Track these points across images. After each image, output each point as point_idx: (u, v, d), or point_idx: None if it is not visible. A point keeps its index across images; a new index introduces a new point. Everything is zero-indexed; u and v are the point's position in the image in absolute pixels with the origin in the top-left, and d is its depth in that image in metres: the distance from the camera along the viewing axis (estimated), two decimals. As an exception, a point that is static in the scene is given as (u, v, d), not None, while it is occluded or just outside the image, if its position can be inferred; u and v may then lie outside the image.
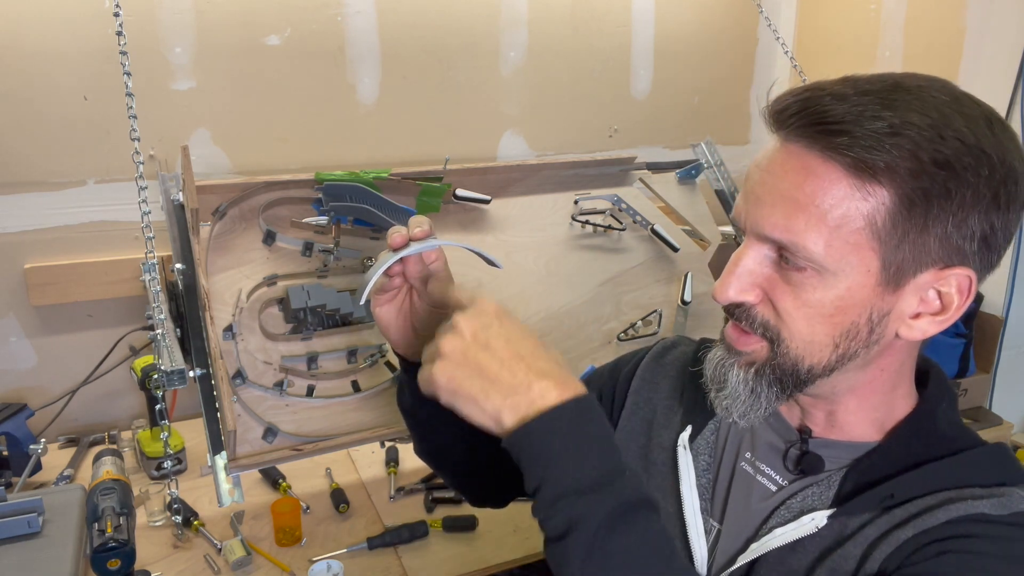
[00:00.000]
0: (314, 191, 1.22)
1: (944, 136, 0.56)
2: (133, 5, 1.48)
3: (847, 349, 0.62)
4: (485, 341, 0.59)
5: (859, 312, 0.60)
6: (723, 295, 0.63)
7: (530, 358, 0.59)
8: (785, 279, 0.61)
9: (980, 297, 1.68)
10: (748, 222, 0.62)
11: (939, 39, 1.76)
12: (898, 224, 0.57)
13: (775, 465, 0.71)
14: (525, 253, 1.36)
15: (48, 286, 1.55)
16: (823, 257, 0.58)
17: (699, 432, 0.76)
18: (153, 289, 1.03)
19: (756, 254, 0.62)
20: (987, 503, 0.58)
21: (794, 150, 0.59)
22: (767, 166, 0.61)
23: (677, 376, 0.83)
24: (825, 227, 0.57)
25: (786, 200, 0.59)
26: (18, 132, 1.49)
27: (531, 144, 1.96)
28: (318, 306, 1.15)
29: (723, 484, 0.73)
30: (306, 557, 1.21)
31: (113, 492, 1.06)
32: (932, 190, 0.56)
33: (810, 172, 0.58)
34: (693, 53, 2.07)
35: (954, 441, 0.66)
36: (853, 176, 0.56)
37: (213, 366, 1.03)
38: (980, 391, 1.70)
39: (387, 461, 1.48)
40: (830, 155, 0.57)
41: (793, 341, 0.62)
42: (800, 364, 0.63)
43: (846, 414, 0.67)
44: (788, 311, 0.61)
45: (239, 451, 1.07)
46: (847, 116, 0.56)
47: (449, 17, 1.78)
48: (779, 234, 0.59)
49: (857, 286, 0.59)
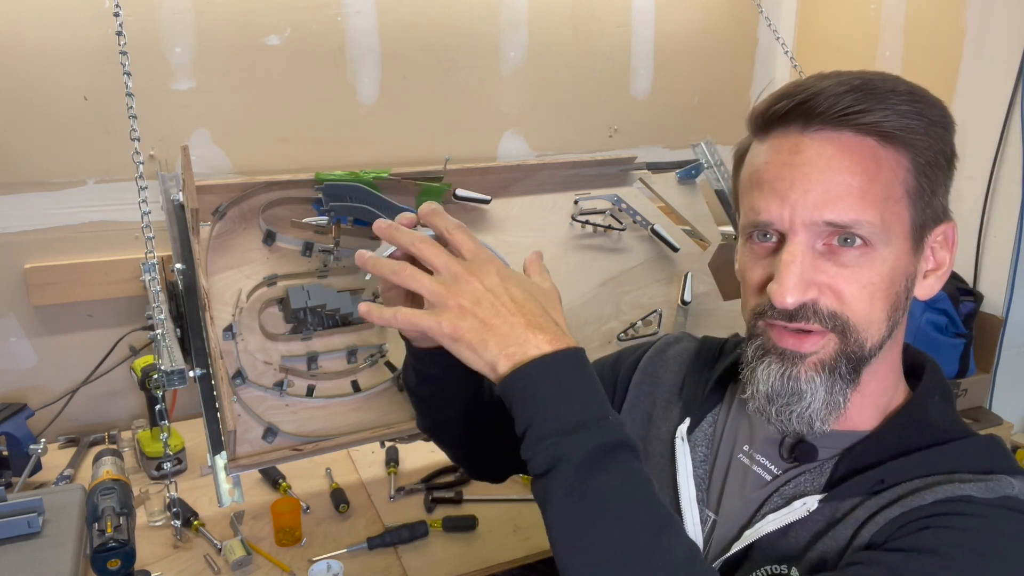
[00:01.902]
0: (314, 191, 1.22)
1: (930, 101, 0.63)
2: (133, 5, 1.48)
3: (895, 320, 0.64)
4: (492, 300, 0.60)
5: (901, 279, 0.63)
6: (791, 298, 0.61)
7: (530, 315, 0.60)
8: (840, 263, 0.61)
9: (980, 297, 1.68)
10: (795, 216, 0.61)
11: (939, 39, 1.75)
12: (923, 185, 0.62)
13: (771, 456, 0.71)
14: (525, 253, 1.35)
15: (48, 286, 1.55)
16: (880, 229, 0.60)
17: (697, 424, 0.77)
18: (153, 289, 1.03)
19: (807, 247, 0.61)
20: (974, 486, 0.59)
21: (823, 136, 0.61)
22: (797, 161, 0.61)
23: (678, 371, 0.84)
24: (878, 199, 0.60)
25: (838, 182, 0.60)
26: (18, 132, 1.49)
27: (531, 144, 1.96)
28: (318, 306, 1.15)
29: (720, 475, 0.74)
30: (306, 557, 1.21)
31: (113, 492, 1.06)
32: (937, 148, 0.62)
33: (851, 151, 0.60)
34: (693, 53, 2.07)
35: (946, 432, 0.66)
36: (885, 147, 0.61)
37: (213, 366, 1.03)
38: (980, 391, 1.70)
39: (387, 461, 1.48)
40: (861, 132, 0.60)
41: (860, 324, 0.62)
42: (865, 345, 0.63)
43: (861, 399, 0.67)
44: (853, 294, 0.61)
45: (239, 451, 1.07)
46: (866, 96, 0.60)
47: (449, 17, 1.78)
48: (839, 216, 0.60)
49: (901, 253, 0.62)
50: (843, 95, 0.60)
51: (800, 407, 0.64)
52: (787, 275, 0.61)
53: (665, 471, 0.77)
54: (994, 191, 1.68)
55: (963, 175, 1.73)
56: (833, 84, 0.61)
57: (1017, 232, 1.65)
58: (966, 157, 1.72)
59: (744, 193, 0.67)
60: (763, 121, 0.65)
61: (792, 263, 0.61)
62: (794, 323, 0.63)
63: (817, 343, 0.63)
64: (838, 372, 0.63)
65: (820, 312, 0.62)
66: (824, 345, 0.63)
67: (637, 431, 0.82)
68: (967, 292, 1.67)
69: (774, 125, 0.64)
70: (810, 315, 0.62)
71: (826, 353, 0.63)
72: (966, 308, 1.64)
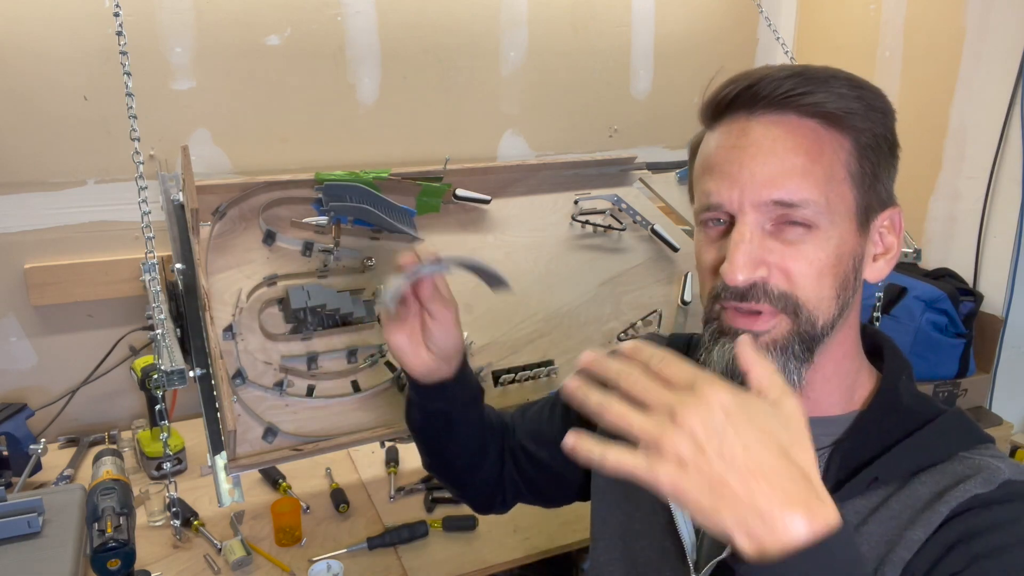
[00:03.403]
0: (314, 191, 1.22)
1: (870, 88, 0.65)
2: (133, 5, 1.48)
3: (845, 300, 0.65)
4: (718, 448, 0.47)
5: (848, 259, 0.65)
6: (741, 275, 0.62)
7: (773, 474, 0.47)
8: (786, 242, 0.63)
9: (980, 297, 1.68)
10: (744, 196, 0.63)
11: (939, 39, 1.75)
12: (864, 168, 0.64)
13: None
14: (525, 253, 1.36)
15: (48, 286, 1.55)
16: (825, 208, 0.62)
17: None
18: (153, 289, 1.03)
19: (755, 227, 0.63)
20: (974, 482, 0.60)
21: (769, 120, 0.64)
22: (744, 143, 0.64)
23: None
24: (821, 179, 0.62)
25: (783, 162, 0.62)
26: (18, 132, 1.49)
27: (531, 144, 1.96)
28: (318, 306, 1.15)
29: None
30: (306, 557, 1.21)
31: (113, 492, 1.06)
32: (877, 132, 0.65)
33: (795, 132, 0.63)
34: (693, 53, 2.07)
35: (919, 414, 0.68)
36: (827, 129, 0.63)
37: (213, 366, 1.03)
38: (980, 391, 1.70)
39: (387, 461, 1.48)
40: (804, 114, 0.63)
41: (810, 302, 0.63)
42: (817, 324, 0.64)
43: (823, 383, 0.68)
44: (801, 272, 0.63)
45: (239, 451, 1.07)
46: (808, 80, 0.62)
47: (449, 17, 1.78)
48: (786, 195, 0.62)
49: (846, 233, 0.64)
50: (785, 79, 0.62)
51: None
52: (737, 253, 0.62)
53: None
54: (994, 191, 1.68)
55: (963, 175, 1.73)
56: (775, 70, 0.64)
57: (1017, 232, 1.65)
58: (966, 157, 1.72)
59: (697, 180, 0.69)
60: (712, 109, 0.68)
61: (741, 242, 0.62)
62: (746, 303, 0.64)
63: (768, 323, 0.64)
64: (791, 351, 0.64)
65: (771, 292, 0.63)
66: (776, 325, 0.64)
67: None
68: (967, 292, 1.67)
69: (722, 113, 0.67)
70: (760, 295, 0.63)
71: (778, 332, 0.64)
72: (966, 308, 1.64)
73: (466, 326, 1.28)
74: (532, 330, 1.31)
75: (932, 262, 1.79)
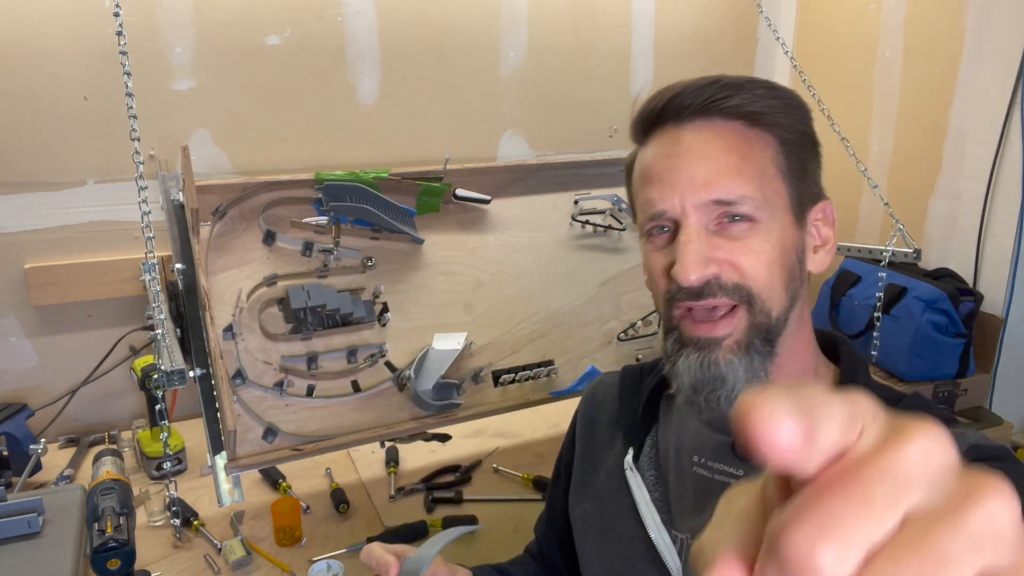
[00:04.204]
0: (314, 191, 1.22)
1: (786, 89, 0.68)
2: (133, 5, 1.48)
3: (794, 290, 0.67)
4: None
5: (791, 251, 0.67)
6: (694, 275, 0.63)
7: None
8: (732, 238, 0.65)
9: (980, 297, 1.68)
10: (685, 200, 0.65)
11: (939, 39, 1.75)
12: (793, 163, 0.67)
13: (728, 460, 0.72)
14: (525, 253, 1.36)
15: (48, 286, 1.55)
16: (763, 203, 0.64)
17: (640, 450, 0.78)
18: (153, 289, 1.03)
19: (699, 228, 0.65)
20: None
21: (697, 125, 0.66)
22: (677, 151, 0.66)
23: (611, 407, 0.86)
24: (755, 175, 0.65)
25: (716, 163, 0.65)
26: (18, 132, 1.49)
27: (531, 144, 1.96)
28: (318, 306, 1.15)
29: (681, 493, 0.74)
30: (306, 557, 1.21)
31: (113, 492, 1.06)
32: (798, 129, 0.67)
33: (723, 134, 0.66)
34: (693, 53, 2.07)
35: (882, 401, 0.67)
36: (751, 128, 0.66)
37: (213, 366, 1.03)
38: (980, 391, 1.70)
39: (387, 461, 1.48)
40: (728, 116, 0.66)
41: (763, 293, 0.65)
42: (771, 315, 0.66)
43: (787, 378, 0.69)
44: (750, 264, 0.65)
45: (239, 451, 1.07)
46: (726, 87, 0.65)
47: (449, 17, 1.78)
48: (724, 193, 0.64)
49: (786, 226, 0.66)
50: (705, 87, 0.66)
51: (725, 390, 0.65)
52: (687, 253, 0.64)
53: (624, 504, 0.77)
54: (994, 191, 1.68)
55: (963, 175, 1.73)
56: (695, 81, 0.67)
57: (1017, 232, 1.65)
58: (966, 157, 1.72)
59: (637, 193, 0.71)
60: (641, 125, 0.71)
61: (689, 242, 0.64)
62: (703, 300, 0.65)
63: (729, 325, 0.65)
64: (753, 348, 0.65)
65: (725, 286, 0.64)
66: (736, 325, 0.65)
67: (591, 476, 0.83)
68: (967, 292, 1.66)
69: (652, 126, 0.69)
70: (716, 290, 0.64)
71: (739, 333, 0.65)
72: (966, 308, 1.64)
73: (466, 326, 1.28)
74: (532, 330, 1.31)
75: (932, 262, 1.79)
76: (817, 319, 1.87)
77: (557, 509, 0.91)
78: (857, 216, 2.01)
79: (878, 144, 1.92)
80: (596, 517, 0.80)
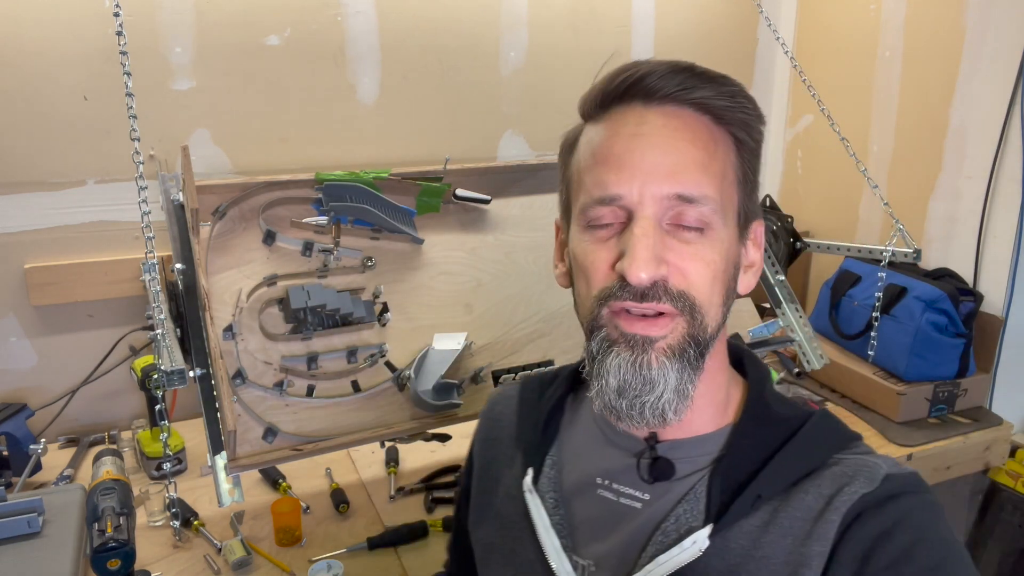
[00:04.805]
0: (314, 191, 1.22)
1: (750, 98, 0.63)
2: (133, 5, 1.48)
3: (727, 308, 0.64)
4: None
5: (731, 266, 0.63)
6: (645, 272, 0.58)
7: None
8: (684, 241, 0.60)
9: (980, 297, 1.68)
10: (645, 188, 0.59)
11: (939, 39, 1.75)
12: (748, 174, 0.63)
13: (632, 482, 0.68)
14: (525, 253, 1.36)
15: (48, 286, 1.55)
16: (720, 207, 0.60)
17: (539, 471, 0.74)
18: (153, 289, 1.03)
19: (654, 223, 0.59)
20: (859, 483, 0.60)
21: (666, 110, 0.61)
22: (642, 130, 0.60)
23: (510, 422, 0.82)
24: (717, 176, 0.60)
25: (683, 154, 0.59)
26: (18, 132, 1.49)
27: (531, 144, 1.96)
28: (318, 306, 1.15)
29: (583, 516, 0.70)
30: (306, 557, 1.21)
31: (113, 492, 1.06)
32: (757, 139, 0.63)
33: (692, 126, 0.61)
34: (693, 53, 2.06)
35: (789, 420, 0.66)
36: (718, 127, 0.62)
37: (213, 366, 1.03)
38: (980, 391, 1.70)
39: (387, 461, 1.48)
40: (699, 109, 0.61)
41: (704, 306, 0.61)
42: (707, 330, 0.62)
43: (698, 399, 0.64)
44: (698, 273, 0.60)
45: (239, 451, 1.07)
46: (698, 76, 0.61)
47: (449, 17, 1.78)
48: (687, 188, 0.59)
49: (731, 238, 0.63)
50: (679, 72, 0.61)
51: (652, 397, 0.61)
52: (640, 248, 0.58)
53: (523, 528, 0.72)
54: (994, 191, 1.68)
55: (963, 175, 1.74)
56: (666, 62, 0.61)
57: (1017, 232, 1.65)
58: (966, 157, 1.72)
59: (585, 173, 0.64)
60: (601, 99, 0.64)
61: (644, 236, 0.59)
62: (645, 303, 0.60)
63: (667, 326, 0.60)
64: (686, 358, 0.61)
65: (671, 291, 0.60)
66: (673, 328, 0.61)
67: (489, 498, 0.78)
68: (967, 292, 1.67)
69: (612, 103, 0.63)
70: (661, 294, 0.59)
71: (675, 337, 0.61)
72: (966, 308, 1.64)
73: (466, 326, 1.28)
74: (532, 330, 1.31)
75: (932, 262, 1.79)
76: (817, 319, 1.87)
77: (460, 532, 0.87)
78: (857, 216, 2.01)
79: (878, 144, 1.92)
80: (497, 542, 0.76)
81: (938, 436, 1.58)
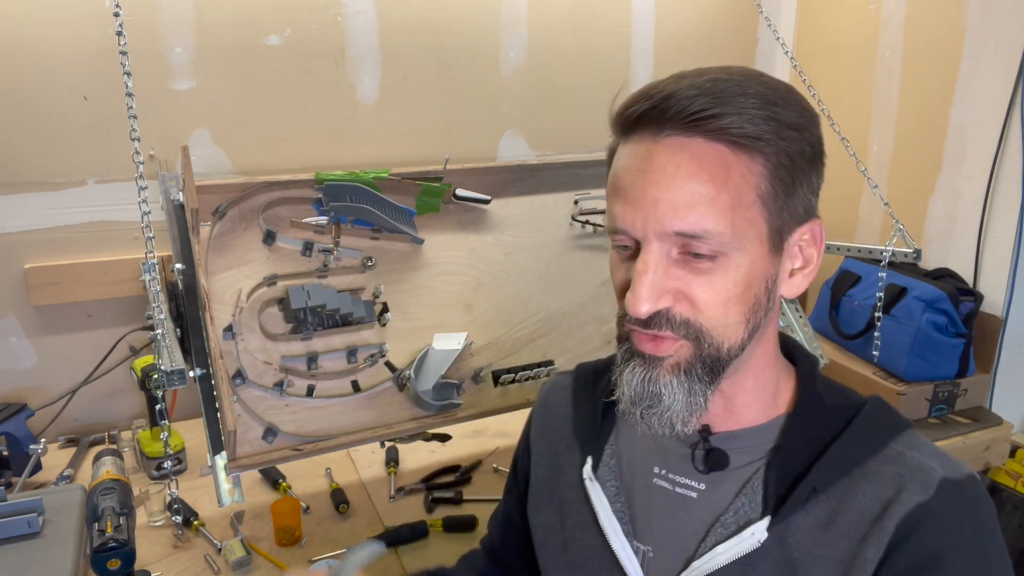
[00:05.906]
0: (314, 191, 1.22)
1: (786, 102, 0.61)
2: (133, 5, 1.48)
3: (756, 322, 0.64)
4: None
5: (760, 283, 0.63)
6: (644, 308, 0.61)
7: None
8: (693, 271, 0.61)
9: (980, 297, 1.68)
10: (647, 225, 0.61)
11: (939, 39, 1.75)
12: (777, 189, 0.61)
13: (688, 472, 0.71)
14: (525, 253, 1.36)
15: (48, 286, 1.55)
16: (731, 237, 0.60)
17: (599, 460, 0.77)
18: (153, 289, 1.03)
19: (660, 256, 0.61)
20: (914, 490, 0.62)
21: (674, 143, 0.60)
22: (648, 166, 0.61)
23: (566, 412, 0.85)
24: (728, 207, 0.60)
25: (686, 190, 0.59)
26: (18, 132, 1.49)
27: (531, 144, 1.96)
28: (318, 306, 1.15)
29: (642, 504, 0.73)
30: (306, 557, 1.21)
31: (113, 492, 1.06)
32: (792, 151, 0.61)
33: (700, 159, 0.60)
34: (693, 53, 2.07)
35: (842, 410, 0.68)
36: (736, 153, 0.60)
37: (213, 366, 1.03)
38: (980, 391, 1.70)
39: (387, 461, 1.48)
40: (712, 138, 0.60)
41: (715, 329, 0.63)
42: (722, 349, 0.64)
43: (744, 396, 0.69)
44: (706, 301, 0.62)
45: (239, 451, 1.07)
46: (717, 99, 0.59)
47: (449, 17, 1.78)
48: (688, 226, 0.59)
49: (757, 258, 0.62)
50: (694, 99, 0.59)
51: (660, 409, 0.64)
52: (640, 285, 0.61)
53: (585, 515, 0.76)
54: (994, 191, 1.68)
55: (963, 175, 1.74)
56: (686, 87, 0.60)
57: (1017, 232, 1.65)
58: (966, 157, 1.72)
59: (608, 196, 0.67)
60: (622, 123, 0.65)
61: (645, 272, 0.61)
62: (649, 330, 0.63)
63: (671, 347, 0.63)
64: (694, 375, 0.64)
65: (673, 319, 0.62)
66: (677, 350, 0.63)
67: (549, 485, 0.82)
68: (967, 292, 1.67)
69: (631, 127, 0.64)
70: (663, 323, 0.62)
71: (680, 357, 0.63)
72: (966, 308, 1.64)
73: (466, 326, 1.28)
74: (532, 330, 1.31)
75: (932, 262, 1.79)
76: (817, 319, 1.87)
77: (515, 514, 0.90)
78: (857, 216, 2.01)
79: (878, 144, 1.91)
80: (557, 528, 0.79)
81: (938, 436, 1.58)
